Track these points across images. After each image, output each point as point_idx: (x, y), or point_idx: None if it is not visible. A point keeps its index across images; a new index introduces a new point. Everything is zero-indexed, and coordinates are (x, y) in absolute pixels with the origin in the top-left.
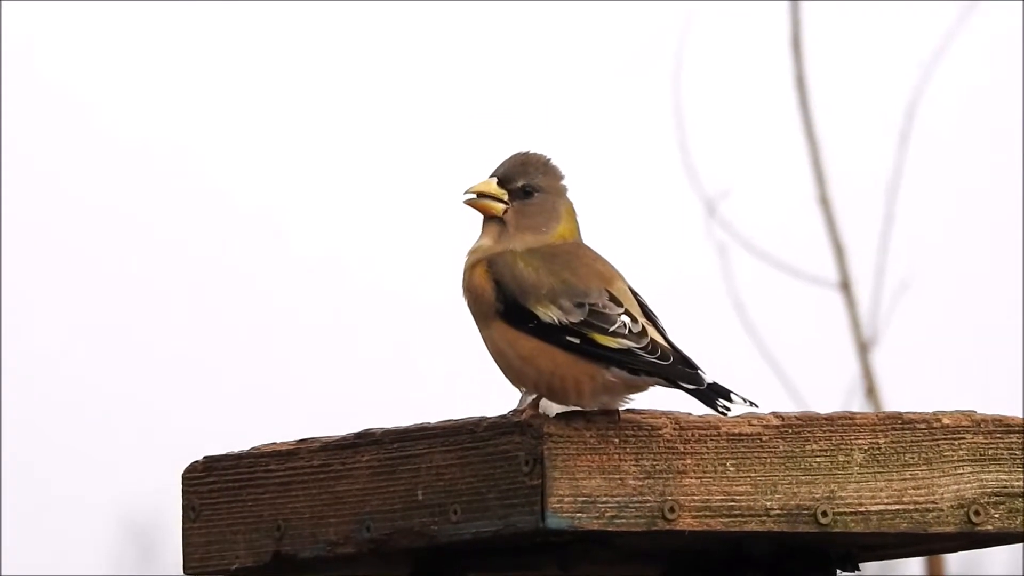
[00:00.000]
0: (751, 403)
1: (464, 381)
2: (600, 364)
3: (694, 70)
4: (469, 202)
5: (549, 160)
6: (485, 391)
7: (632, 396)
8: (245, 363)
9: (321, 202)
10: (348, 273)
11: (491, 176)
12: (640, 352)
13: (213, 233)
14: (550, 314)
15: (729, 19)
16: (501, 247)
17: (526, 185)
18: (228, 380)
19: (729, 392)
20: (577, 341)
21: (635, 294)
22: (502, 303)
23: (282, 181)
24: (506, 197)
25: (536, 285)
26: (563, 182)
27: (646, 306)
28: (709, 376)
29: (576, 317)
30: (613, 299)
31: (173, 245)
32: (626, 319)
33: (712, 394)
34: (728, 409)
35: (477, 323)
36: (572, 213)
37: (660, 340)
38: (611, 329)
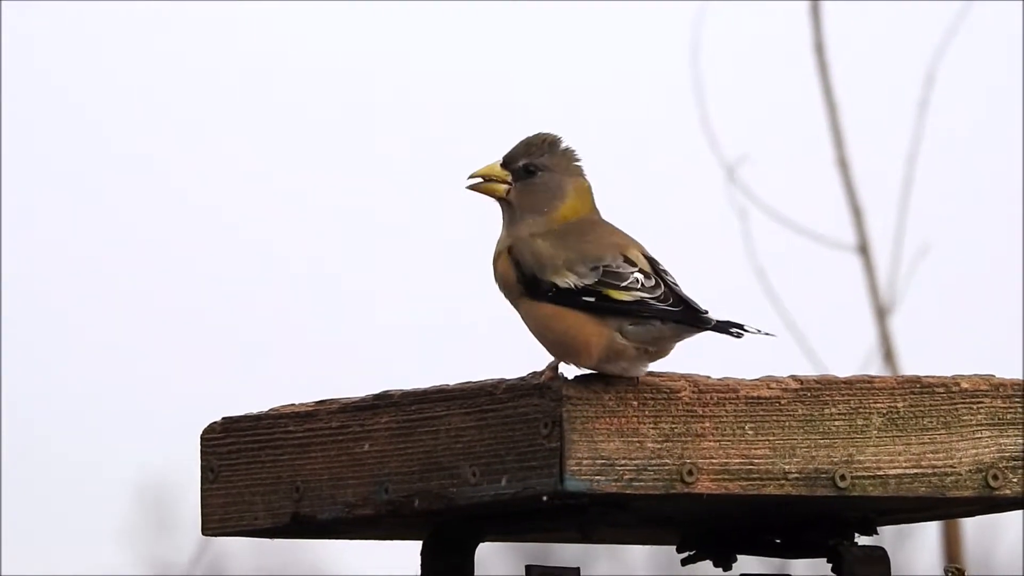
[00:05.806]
0: (766, 333)
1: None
2: (611, 320)
3: (713, 35)
4: (472, 187)
5: (557, 139)
6: (503, 354)
7: (648, 365)
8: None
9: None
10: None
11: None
12: (651, 301)
13: (233, 199)
14: (567, 280)
15: None
16: (514, 233)
17: (528, 164)
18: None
19: (742, 324)
20: (592, 300)
21: (653, 261)
22: (524, 280)
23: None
24: (510, 178)
25: (553, 257)
26: (575, 161)
27: (666, 272)
28: (720, 317)
29: (591, 279)
30: (627, 261)
31: (189, 207)
32: (639, 275)
33: (724, 324)
34: (741, 334)
35: (513, 307)
36: (584, 191)
37: (672, 292)
38: (623, 284)
